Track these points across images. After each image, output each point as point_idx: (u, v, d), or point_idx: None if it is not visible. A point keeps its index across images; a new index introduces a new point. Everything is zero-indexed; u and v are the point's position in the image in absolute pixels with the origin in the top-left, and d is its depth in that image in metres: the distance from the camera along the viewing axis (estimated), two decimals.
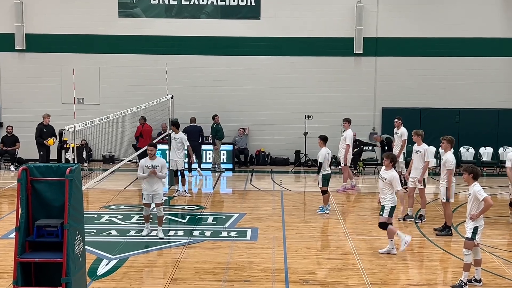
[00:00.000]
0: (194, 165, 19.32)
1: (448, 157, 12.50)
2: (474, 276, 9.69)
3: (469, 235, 9.47)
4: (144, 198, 12.26)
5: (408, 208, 13.97)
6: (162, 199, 12.28)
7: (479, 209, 9.39)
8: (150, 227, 12.50)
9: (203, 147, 21.19)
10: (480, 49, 22.13)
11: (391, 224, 11.33)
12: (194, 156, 18.07)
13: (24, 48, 22.33)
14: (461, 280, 9.45)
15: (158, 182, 12.20)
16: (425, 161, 13.65)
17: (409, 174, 14.10)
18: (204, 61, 22.34)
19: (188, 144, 16.72)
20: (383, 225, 11.32)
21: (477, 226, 9.46)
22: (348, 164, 17.89)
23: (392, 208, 11.30)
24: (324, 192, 14.72)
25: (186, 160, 17.38)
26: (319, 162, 14.51)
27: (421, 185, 13.82)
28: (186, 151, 16.81)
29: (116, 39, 22.34)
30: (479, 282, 9.60)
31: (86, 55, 22.25)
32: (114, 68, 22.41)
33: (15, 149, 21.01)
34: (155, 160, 12.23)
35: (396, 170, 15.75)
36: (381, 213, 11.35)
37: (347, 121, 17.96)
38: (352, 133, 17.95)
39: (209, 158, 21.44)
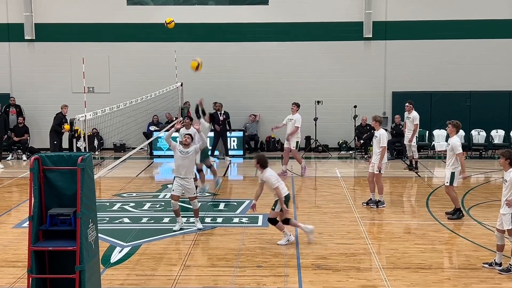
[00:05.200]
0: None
1: (454, 141, 12.42)
2: (494, 260, 9.67)
3: (508, 226, 9.33)
4: (173, 190, 11.90)
5: (371, 193, 13.91)
6: (194, 193, 11.91)
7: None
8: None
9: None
10: (491, 31, 21.90)
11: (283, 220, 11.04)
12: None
13: (34, 38, 22.37)
14: (510, 264, 9.49)
15: (190, 175, 11.84)
16: (380, 146, 13.54)
17: None
18: (213, 48, 22.28)
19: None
20: (273, 221, 10.97)
21: None
22: (297, 148, 17.75)
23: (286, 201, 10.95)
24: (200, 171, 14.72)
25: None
26: None
27: (376, 170, 13.61)
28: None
29: (124, 27, 22.33)
30: (499, 266, 9.58)
31: (95, 44, 22.27)
32: (123, 57, 22.41)
33: (24, 139, 21.12)
34: (188, 148, 11.88)
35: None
36: (273, 207, 10.94)
37: (296, 105, 17.78)
38: (300, 117, 17.67)
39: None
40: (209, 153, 15.02)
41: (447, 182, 12.58)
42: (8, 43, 22.48)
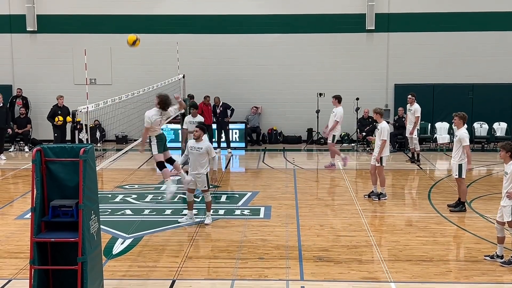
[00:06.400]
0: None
1: (462, 133, 12.40)
2: (496, 252, 9.69)
3: (509, 218, 9.36)
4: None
5: (373, 185, 13.91)
6: (205, 186, 11.65)
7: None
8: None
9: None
10: (494, 23, 21.80)
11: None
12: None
13: (36, 29, 22.35)
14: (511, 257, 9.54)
15: (202, 166, 11.58)
16: (381, 139, 13.51)
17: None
18: (215, 40, 22.24)
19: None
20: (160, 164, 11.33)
21: None
22: (333, 142, 17.65)
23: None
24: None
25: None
26: None
27: (379, 163, 13.60)
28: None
29: (126, 19, 22.26)
30: (501, 258, 9.60)
31: (97, 35, 22.22)
32: (125, 48, 22.07)
33: (27, 130, 21.13)
34: (200, 143, 11.64)
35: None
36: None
37: (335, 98, 17.79)
38: (341, 111, 17.53)
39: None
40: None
41: (456, 175, 12.54)
42: (10, 34, 22.47)
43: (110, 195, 14.16)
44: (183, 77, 19.11)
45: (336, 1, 21.99)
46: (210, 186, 11.92)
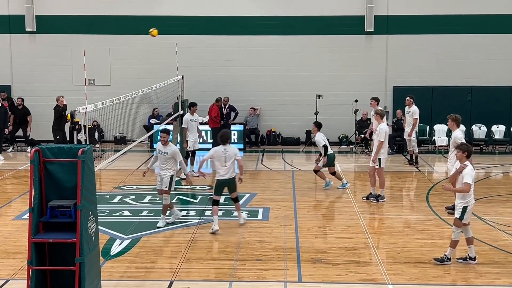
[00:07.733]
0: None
1: (456, 135, 12.40)
2: (468, 254, 9.71)
3: (457, 215, 9.49)
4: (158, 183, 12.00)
5: (371, 187, 13.90)
6: (166, 186, 11.70)
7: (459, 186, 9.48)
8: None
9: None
10: (493, 26, 21.84)
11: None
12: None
13: (35, 30, 22.35)
14: (445, 255, 9.60)
15: (167, 169, 11.76)
16: (378, 140, 13.49)
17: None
18: (215, 41, 22.25)
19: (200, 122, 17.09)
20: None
21: (466, 206, 9.48)
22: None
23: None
24: (334, 173, 14.83)
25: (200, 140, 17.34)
26: (324, 146, 14.56)
27: (377, 165, 13.62)
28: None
29: (126, 20, 22.29)
30: (474, 260, 9.64)
31: (96, 36, 22.24)
32: (124, 49, 22.38)
33: (29, 123, 20.91)
34: (166, 148, 11.83)
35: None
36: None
37: (373, 99, 17.66)
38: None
39: None
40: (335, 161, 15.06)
41: None
42: (9, 34, 22.48)
43: (108, 196, 14.15)
44: (182, 78, 19.09)
45: (336, 3, 22.02)
46: (208, 187, 11.92)
